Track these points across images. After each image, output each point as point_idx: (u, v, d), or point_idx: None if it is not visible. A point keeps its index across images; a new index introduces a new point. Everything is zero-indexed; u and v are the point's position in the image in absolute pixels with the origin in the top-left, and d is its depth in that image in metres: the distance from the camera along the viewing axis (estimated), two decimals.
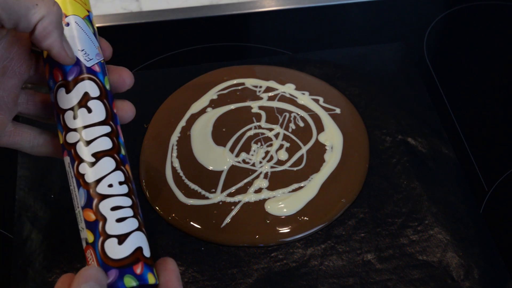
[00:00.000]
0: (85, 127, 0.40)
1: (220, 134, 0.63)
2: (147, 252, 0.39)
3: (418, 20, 0.79)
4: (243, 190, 0.58)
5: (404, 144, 0.63)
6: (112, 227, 0.38)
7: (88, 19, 0.43)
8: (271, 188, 0.58)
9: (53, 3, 0.39)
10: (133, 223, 0.39)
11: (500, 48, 0.76)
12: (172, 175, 0.59)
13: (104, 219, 0.38)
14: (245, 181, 0.59)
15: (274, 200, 0.58)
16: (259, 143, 0.62)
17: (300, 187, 0.59)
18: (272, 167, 0.60)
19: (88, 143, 0.40)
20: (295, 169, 0.60)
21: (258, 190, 0.58)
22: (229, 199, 0.58)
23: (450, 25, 0.79)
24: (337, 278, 0.53)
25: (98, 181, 0.39)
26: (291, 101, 0.66)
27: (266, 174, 0.59)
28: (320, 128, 0.63)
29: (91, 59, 0.42)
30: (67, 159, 0.41)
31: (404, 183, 0.60)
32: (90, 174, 0.39)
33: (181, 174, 0.59)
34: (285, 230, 0.56)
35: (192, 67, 0.69)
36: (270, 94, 0.66)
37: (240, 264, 0.54)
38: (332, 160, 0.61)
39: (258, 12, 0.79)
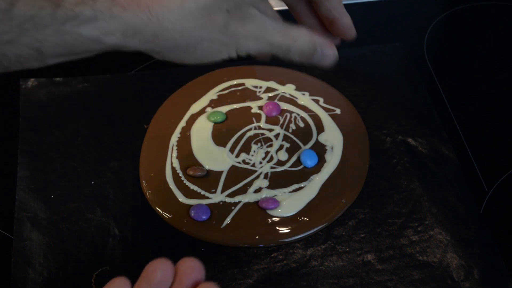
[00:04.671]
0: None
1: (220, 135, 0.63)
2: None
3: (418, 20, 0.79)
4: (243, 190, 0.58)
5: (404, 145, 0.63)
6: None
7: None
8: (271, 188, 0.58)
9: None
10: None
11: (500, 48, 0.76)
12: (172, 176, 0.59)
13: None
14: (245, 181, 0.59)
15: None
16: (259, 144, 0.62)
17: (300, 188, 0.59)
18: (272, 167, 0.60)
19: None
20: (295, 169, 0.60)
21: (258, 190, 0.58)
22: (229, 200, 0.58)
23: (450, 25, 0.79)
24: (337, 278, 0.53)
25: None
26: (291, 101, 0.66)
27: (266, 174, 0.59)
28: (320, 129, 0.63)
29: None
30: None
31: (404, 183, 0.60)
32: None
33: (181, 174, 0.59)
34: (285, 230, 0.56)
35: (192, 68, 0.69)
36: (270, 94, 0.66)
37: (240, 265, 0.54)
38: (332, 160, 0.61)
39: None
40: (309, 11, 0.49)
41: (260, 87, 0.67)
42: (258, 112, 0.65)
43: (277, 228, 0.56)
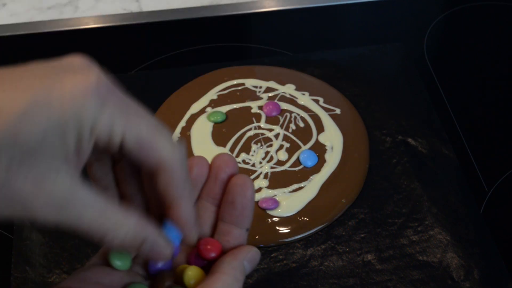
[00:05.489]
0: None
1: (220, 135, 0.63)
2: None
3: (418, 20, 0.79)
4: None
5: (404, 145, 0.63)
6: None
7: None
8: (271, 188, 0.58)
9: None
10: None
11: (500, 48, 0.76)
12: None
13: None
14: None
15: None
16: (259, 144, 0.62)
17: (300, 188, 0.59)
18: (272, 167, 0.60)
19: None
20: (295, 169, 0.60)
21: (258, 190, 0.58)
22: None
23: (450, 25, 0.79)
24: (337, 278, 0.53)
25: None
26: (291, 101, 0.66)
27: (266, 174, 0.59)
28: (320, 129, 0.63)
29: None
30: None
31: (404, 183, 0.60)
32: None
33: None
34: (285, 230, 0.56)
35: (192, 68, 0.69)
36: (270, 94, 0.66)
37: None
38: (332, 160, 0.61)
39: (258, 12, 0.79)
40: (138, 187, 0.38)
41: (260, 87, 0.67)
42: (258, 112, 0.65)
43: (277, 228, 0.56)
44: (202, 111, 0.65)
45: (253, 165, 0.60)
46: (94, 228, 0.33)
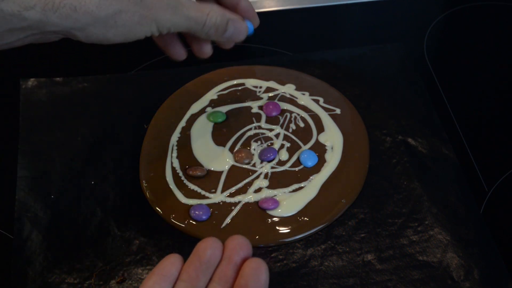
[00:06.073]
0: None
1: (220, 135, 0.63)
2: None
3: (418, 20, 0.79)
4: (243, 190, 0.58)
5: (404, 145, 0.63)
6: None
7: None
8: (271, 188, 0.58)
9: None
10: None
11: (500, 48, 0.76)
12: (172, 176, 0.59)
13: None
14: (245, 181, 0.59)
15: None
16: (259, 142, 0.62)
17: (300, 188, 0.59)
18: (272, 167, 0.60)
19: None
20: (295, 169, 0.60)
21: (258, 190, 0.58)
22: (229, 200, 0.58)
23: (450, 25, 0.79)
24: (337, 278, 0.53)
25: None
26: (291, 101, 0.66)
27: (266, 174, 0.59)
28: (320, 129, 0.63)
29: None
30: None
31: (404, 183, 0.60)
32: None
33: (181, 174, 0.59)
34: (285, 230, 0.56)
35: (192, 67, 0.69)
36: (270, 94, 0.66)
37: None
38: (332, 160, 0.61)
39: (258, 12, 0.79)
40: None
41: (260, 87, 0.67)
42: (258, 112, 0.65)
43: (277, 228, 0.56)
44: (202, 111, 0.65)
45: (254, 165, 0.60)
46: (197, 20, 0.48)
